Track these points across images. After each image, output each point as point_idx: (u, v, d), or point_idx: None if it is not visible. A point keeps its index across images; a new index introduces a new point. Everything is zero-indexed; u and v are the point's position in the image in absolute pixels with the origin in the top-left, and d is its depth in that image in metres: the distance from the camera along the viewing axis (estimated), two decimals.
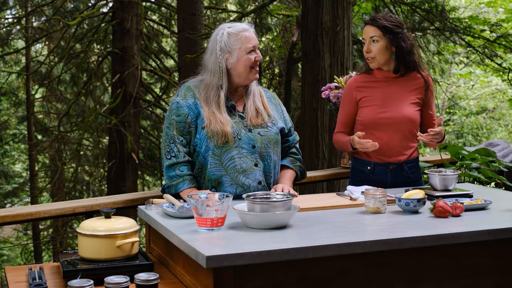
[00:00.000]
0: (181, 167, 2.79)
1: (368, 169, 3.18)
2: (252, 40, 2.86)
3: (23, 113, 12.19)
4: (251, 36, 2.86)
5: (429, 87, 3.20)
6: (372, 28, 3.09)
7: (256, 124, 2.85)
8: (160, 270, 2.28)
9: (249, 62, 2.84)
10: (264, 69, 12.02)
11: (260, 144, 2.82)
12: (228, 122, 2.78)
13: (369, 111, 3.13)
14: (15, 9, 11.73)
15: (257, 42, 2.88)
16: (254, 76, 2.88)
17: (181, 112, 2.82)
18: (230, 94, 2.90)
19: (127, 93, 9.71)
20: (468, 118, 17.97)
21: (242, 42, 2.83)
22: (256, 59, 2.86)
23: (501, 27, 9.15)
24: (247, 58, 2.84)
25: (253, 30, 2.90)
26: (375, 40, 3.08)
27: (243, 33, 2.84)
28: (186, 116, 2.81)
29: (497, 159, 4.24)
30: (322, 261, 1.98)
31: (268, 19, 10.87)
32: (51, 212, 2.78)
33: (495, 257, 2.24)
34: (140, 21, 9.86)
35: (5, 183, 12.54)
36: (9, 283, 2.20)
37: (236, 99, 2.92)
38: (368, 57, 3.12)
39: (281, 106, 3.07)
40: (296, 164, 3.04)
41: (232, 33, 2.84)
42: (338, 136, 3.25)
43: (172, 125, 2.82)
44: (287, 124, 3.02)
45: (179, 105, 2.83)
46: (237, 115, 2.86)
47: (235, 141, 2.77)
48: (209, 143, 2.77)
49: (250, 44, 2.84)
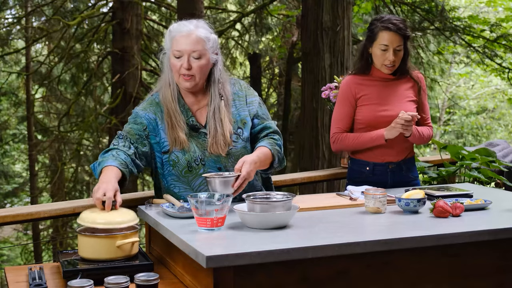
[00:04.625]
0: (119, 152, 2.54)
1: (367, 170, 3.18)
2: (181, 44, 2.57)
3: (23, 113, 12.18)
4: (182, 41, 2.57)
5: (421, 88, 3.20)
6: (398, 37, 3.03)
7: (216, 152, 2.62)
8: (160, 270, 2.28)
9: (174, 67, 2.61)
10: (264, 69, 12.02)
11: (226, 164, 2.63)
12: (188, 147, 2.60)
13: (368, 109, 3.13)
14: (15, 9, 11.73)
15: (191, 49, 2.57)
16: (183, 84, 2.62)
17: (139, 121, 2.63)
18: (187, 96, 2.69)
19: (127, 93, 9.71)
20: (468, 118, 17.98)
21: (172, 43, 2.60)
22: (182, 66, 2.58)
23: (501, 26, 9.15)
24: (173, 62, 2.61)
25: (197, 36, 2.58)
26: (399, 49, 3.06)
27: (177, 34, 2.59)
28: (144, 127, 2.63)
29: (497, 159, 4.24)
30: (322, 261, 1.98)
31: (268, 19, 10.87)
32: (51, 212, 2.77)
33: (495, 257, 2.24)
34: (140, 21, 9.86)
35: (5, 183, 12.53)
36: (9, 283, 2.20)
37: (196, 105, 2.69)
38: (389, 65, 3.09)
39: (249, 97, 2.76)
40: (274, 147, 2.66)
41: (171, 31, 2.63)
42: (349, 135, 3.15)
43: (126, 131, 2.61)
44: (256, 117, 2.74)
45: (137, 115, 2.65)
46: (201, 133, 2.65)
47: (199, 168, 2.61)
48: (172, 170, 2.63)
49: (177, 49, 2.58)
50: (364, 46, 3.15)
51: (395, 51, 3.05)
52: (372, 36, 3.08)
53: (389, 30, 3.02)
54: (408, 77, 3.18)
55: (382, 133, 3.06)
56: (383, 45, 3.04)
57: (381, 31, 3.04)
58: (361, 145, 3.14)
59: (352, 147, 3.18)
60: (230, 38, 11.58)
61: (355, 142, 3.14)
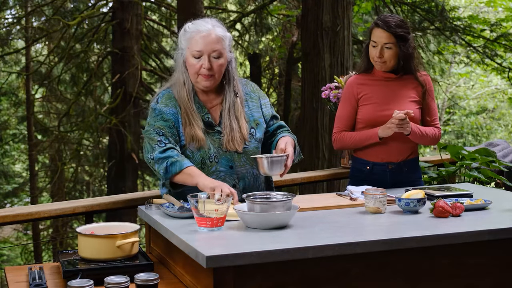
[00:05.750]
0: (175, 151, 2.56)
1: (367, 169, 3.18)
2: (199, 45, 2.58)
3: (23, 113, 12.18)
4: (202, 41, 2.58)
5: (427, 91, 3.19)
6: (386, 34, 3.05)
7: (233, 149, 2.64)
8: (160, 270, 2.28)
9: (193, 68, 2.62)
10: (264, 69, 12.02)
11: (238, 163, 2.65)
12: (205, 144, 2.61)
13: (369, 109, 3.14)
14: (15, 9, 11.73)
15: (211, 49, 2.59)
16: (202, 83, 2.63)
17: (167, 118, 2.62)
18: (201, 94, 2.70)
19: (127, 93, 9.71)
20: (468, 118, 17.97)
21: (190, 43, 2.60)
22: (202, 67, 2.59)
23: (501, 26, 9.16)
24: (191, 62, 2.61)
25: (216, 35, 2.60)
26: (388, 47, 3.07)
27: (195, 34, 2.59)
28: (173, 123, 2.62)
29: (497, 159, 4.24)
30: (322, 261, 1.98)
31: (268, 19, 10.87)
32: (51, 212, 2.77)
33: (495, 257, 2.24)
34: (140, 21, 9.87)
35: (5, 183, 12.53)
36: (9, 283, 2.20)
37: (210, 103, 2.71)
38: (378, 61, 3.11)
39: (262, 99, 2.83)
40: (294, 138, 2.76)
41: (187, 31, 2.63)
42: (347, 134, 3.19)
43: (159, 127, 2.60)
44: (266, 118, 2.80)
45: (162, 112, 2.63)
46: (215, 131, 2.67)
47: (212, 165, 2.62)
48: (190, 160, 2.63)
49: (196, 49, 2.58)
50: (366, 44, 3.20)
51: (384, 48, 3.07)
52: (369, 34, 3.16)
53: (378, 27, 3.08)
54: (412, 78, 3.18)
55: (376, 131, 3.08)
56: (373, 41, 3.10)
57: (373, 28, 3.12)
58: (357, 143, 3.17)
59: (350, 146, 3.22)
60: None
61: (352, 141, 3.17)
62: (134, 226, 2.31)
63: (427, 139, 3.14)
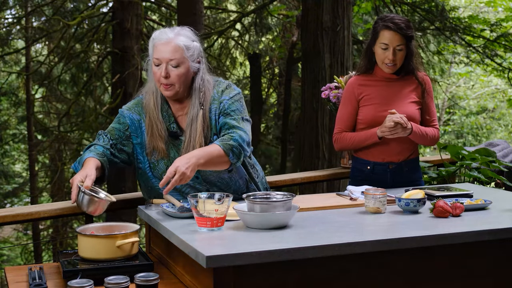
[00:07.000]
0: (97, 146, 2.60)
1: (367, 169, 3.18)
2: (160, 52, 2.56)
3: (23, 113, 12.18)
4: (160, 49, 2.56)
5: (426, 91, 3.19)
6: (398, 36, 3.03)
7: None
8: (160, 270, 2.28)
9: (154, 75, 2.60)
10: (264, 69, 12.03)
11: (203, 172, 2.63)
12: (166, 155, 2.61)
13: (370, 110, 3.13)
14: (15, 9, 11.73)
15: (169, 58, 2.55)
16: (164, 93, 2.61)
17: (122, 121, 2.66)
18: (171, 102, 2.67)
19: (127, 93, 9.70)
20: (468, 118, 17.98)
21: (153, 51, 2.60)
22: (161, 75, 2.56)
23: (501, 26, 9.16)
24: (153, 70, 2.60)
25: (176, 44, 2.56)
26: (400, 49, 3.06)
27: (156, 42, 2.59)
28: (126, 127, 2.66)
29: (497, 159, 4.24)
30: (322, 261, 1.98)
31: (268, 19, 10.87)
32: (51, 212, 2.77)
33: (495, 257, 2.24)
34: (140, 21, 9.86)
35: (5, 183, 12.53)
36: (9, 283, 2.20)
37: (178, 112, 2.68)
38: (389, 64, 3.09)
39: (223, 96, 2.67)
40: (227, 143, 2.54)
41: (152, 39, 2.62)
42: (347, 134, 3.19)
43: (109, 129, 2.66)
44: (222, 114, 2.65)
45: (122, 115, 2.68)
46: (180, 140, 2.64)
47: None
48: (154, 172, 2.65)
49: (156, 56, 2.57)
50: (368, 45, 3.17)
51: (396, 50, 3.05)
52: (375, 35, 3.11)
53: (389, 29, 3.03)
54: (413, 78, 3.18)
55: (375, 131, 3.08)
56: (384, 43, 3.05)
57: (382, 30, 3.06)
58: (358, 144, 3.17)
59: (350, 146, 3.21)
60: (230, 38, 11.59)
61: (352, 141, 3.17)
62: (134, 226, 2.31)
63: (427, 139, 3.14)
